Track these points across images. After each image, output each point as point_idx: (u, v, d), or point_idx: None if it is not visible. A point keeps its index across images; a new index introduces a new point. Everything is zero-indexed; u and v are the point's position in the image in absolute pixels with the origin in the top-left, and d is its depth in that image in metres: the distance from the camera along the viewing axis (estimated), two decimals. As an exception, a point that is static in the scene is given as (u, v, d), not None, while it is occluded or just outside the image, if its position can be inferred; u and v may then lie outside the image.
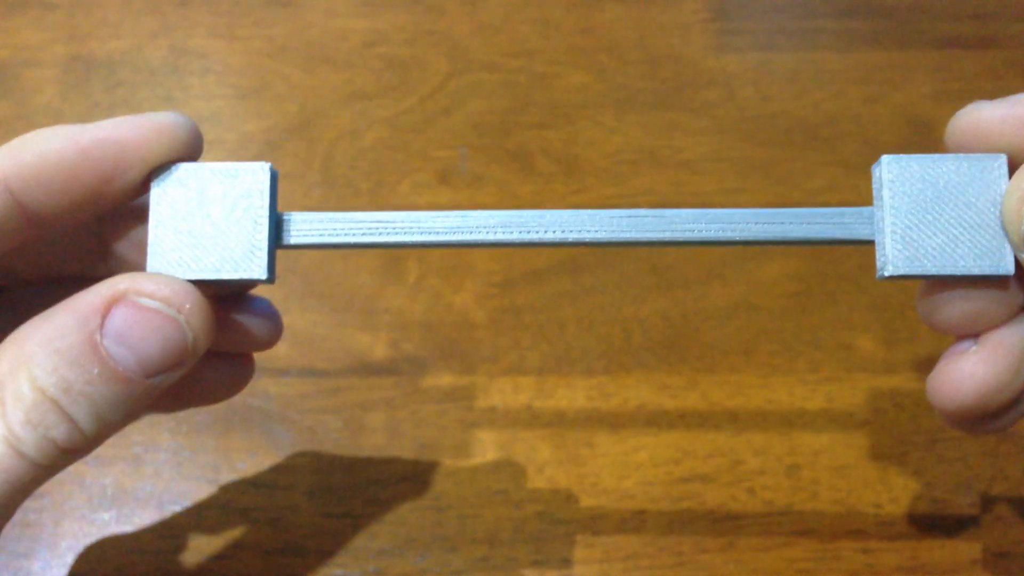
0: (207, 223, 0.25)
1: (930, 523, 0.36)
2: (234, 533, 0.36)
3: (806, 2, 0.47)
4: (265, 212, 0.25)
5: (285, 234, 0.25)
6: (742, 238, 0.25)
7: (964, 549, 0.35)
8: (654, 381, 0.38)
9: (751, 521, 0.36)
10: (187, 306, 0.23)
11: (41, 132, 0.24)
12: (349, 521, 0.36)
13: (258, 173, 0.25)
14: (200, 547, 0.36)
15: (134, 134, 0.24)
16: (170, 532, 0.36)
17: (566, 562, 0.35)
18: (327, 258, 0.41)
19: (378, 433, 0.37)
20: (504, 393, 0.38)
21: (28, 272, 0.28)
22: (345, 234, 0.25)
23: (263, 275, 0.25)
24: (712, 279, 0.40)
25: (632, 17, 0.46)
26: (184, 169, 0.25)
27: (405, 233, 0.25)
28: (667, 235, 0.25)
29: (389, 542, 0.36)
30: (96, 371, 0.22)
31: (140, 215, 0.26)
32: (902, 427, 0.37)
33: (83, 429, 0.23)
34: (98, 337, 0.22)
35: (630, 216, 0.25)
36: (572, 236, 0.25)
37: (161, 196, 0.25)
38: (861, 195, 0.42)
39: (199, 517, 0.36)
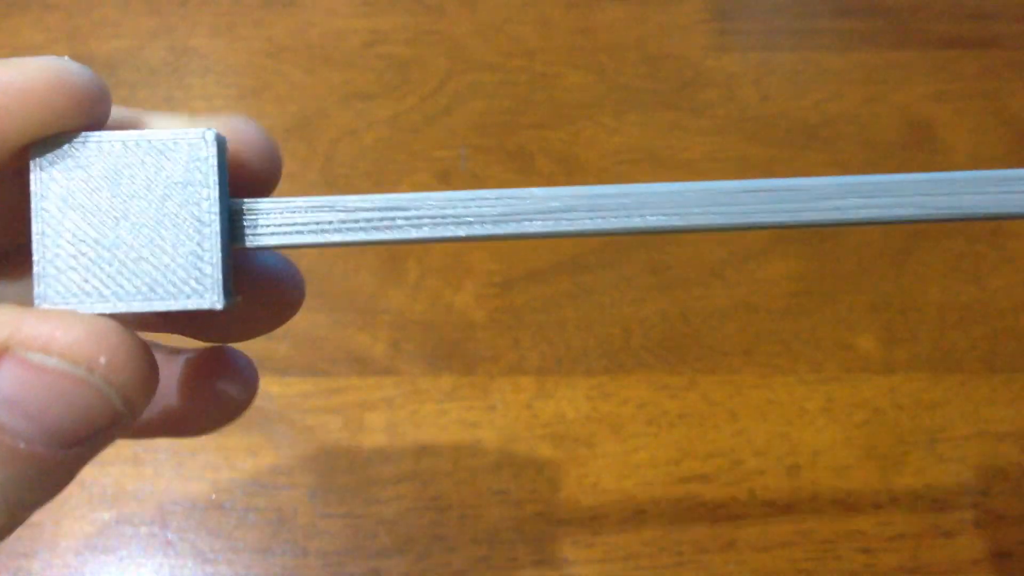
0: (124, 224, 0.17)
1: (930, 523, 0.36)
2: (234, 533, 0.36)
3: (806, 2, 0.47)
4: (213, 203, 0.17)
5: (247, 231, 0.18)
6: (924, 215, 0.19)
7: (964, 549, 0.35)
8: (654, 381, 0.38)
9: (751, 521, 0.36)
10: (102, 360, 0.16)
11: None
12: (349, 521, 0.36)
13: (198, 144, 0.17)
14: (199, 548, 0.36)
15: None
16: (170, 532, 0.36)
17: (566, 562, 0.35)
18: (327, 257, 0.41)
19: (378, 433, 0.37)
20: (504, 393, 0.38)
21: None
22: (341, 227, 0.18)
23: (215, 300, 0.17)
24: (712, 279, 0.40)
25: (632, 17, 0.46)
26: (82, 142, 0.17)
27: (425, 224, 0.18)
28: (814, 215, 0.18)
29: (389, 542, 0.36)
30: None
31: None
32: (902, 427, 0.37)
33: None
34: None
35: (753, 191, 0.18)
36: (677, 221, 0.18)
37: (47, 184, 0.17)
38: (861, 195, 0.42)
39: (199, 518, 0.36)
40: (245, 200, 0.18)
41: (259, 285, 0.20)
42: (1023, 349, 0.39)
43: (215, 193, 0.17)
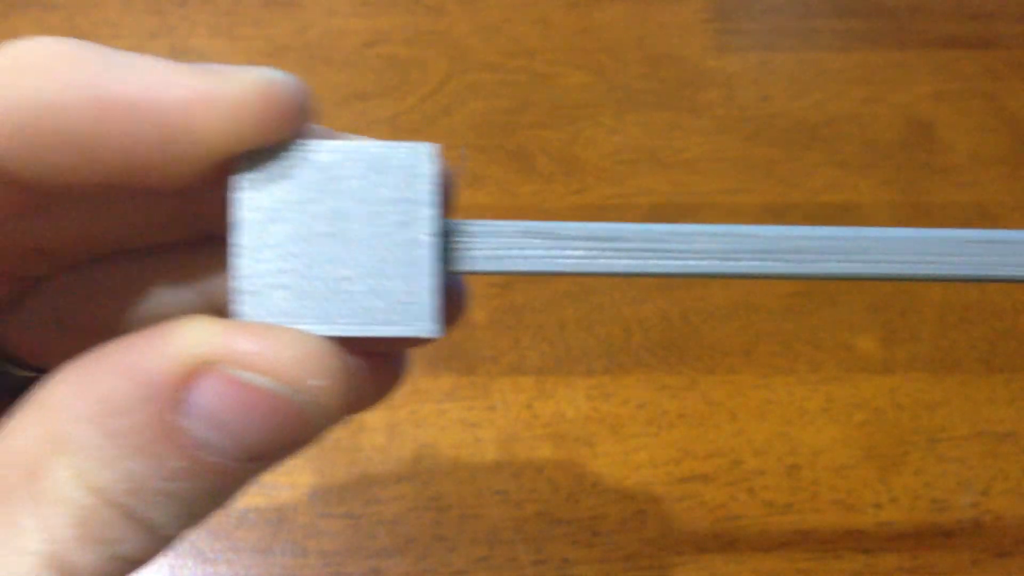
0: (332, 241, 0.16)
1: (930, 523, 0.36)
2: (234, 533, 0.36)
3: (806, 2, 0.47)
4: (430, 223, 0.16)
5: (457, 254, 0.17)
6: None
7: (964, 549, 0.35)
8: (654, 381, 0.38)
9: (751, 521, 0.36)
10: (311, 382, 0.15)
11: (47, 57, 0.15)
12: (349, 521, 0.36)
13: (417, 159, 0.16)
14: (199, 548, 0.35)
15: (198, 105, 0.15)
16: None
17: (566, 562, 0.35)
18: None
19: (378, 433, 0.37)
20: (504, 393, 0.38)
21: (69, 247, 0.19)
22: (552, 255, 0.17)
23: (430, 329, 0.16)
24: (712, 279, 0.40)
25: (632, 17, 0.46)
26: (292, 153, 0.16)
27: (640, 256, 0.17)
28: None
29: (389, 542, 0.36)
30: (177, 464, 0.15)
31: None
32: (902, 427, 0.37)
33: (166, 534, 0.16)
34: (175, 419, 0.15)
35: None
36: (921, 270, 0.17)
37: (252, 196, 0.16)
38: (861, 195, 0.42)
39: (199, 517, 0.36)
40: (459, 221, 0.17)
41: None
42: (1023, 349, 0.39)
43: (433, 212, 0.16)
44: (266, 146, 0.16)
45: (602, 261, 0.17)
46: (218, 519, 0.36)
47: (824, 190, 0.42)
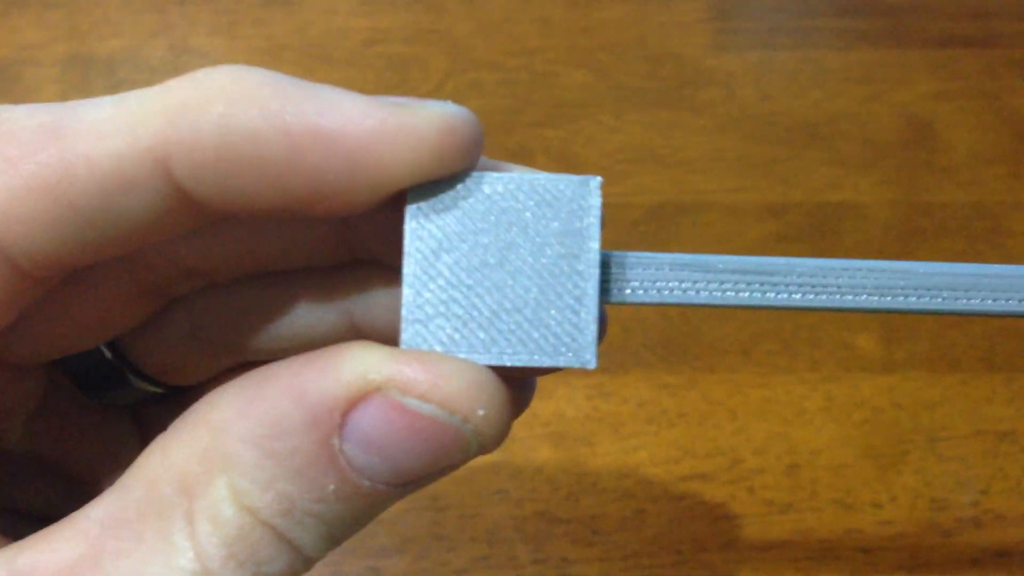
0: (499, 272, 0.16)
1: (930, 522, 0.36)
2: (234, 532, 0.36)
3: (806, 1, 0.46)
4: (595, 256, 0.16)
5: (613, 286, 0.17)
6: None
7: (964, 548, 0.35)
8: (653, 380, 0.38)
9: (751, 520, 0.36)
10: (480, 412, 0.16)
11: (233, 86, 0.16)
12: (349, 520, 0.36)
13: (584, 192, 0.16)
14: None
15: (385, 137, 0.16)
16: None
17: (566, 561, 0.35)
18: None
19: (378, 432, 0.37)
20: (504, 392, 0.38)
21: (221, 268, 0.19)
22: (707, 288, 0.17)
23: (588, 359, 0.17)
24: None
25: (632, 16, 0.46)
26: (463, 183, 0.16)
27: (795, 291, 0.18)
28: None
29: (388, 541, 0.36)
30: (332, 487, 0.15)
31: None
32: (901, 426, 0.37)
33: (309, 556, 0.16)
34: (336, 443, 0.15)
35: None
36: None
37: (423, 224, 0.16)
38: (862, 194, 0.42)
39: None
40: (614, 253, 0.17)
41: None
42: (1022, 348, 0.39)
43: (597, 245, 0.16)
44: (439, 177, 0.16)
45: (751, 295, 0.17)
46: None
47: (824, 189, 0.42)
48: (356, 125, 0.15)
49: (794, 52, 0.45)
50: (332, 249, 0.19)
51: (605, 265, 0.17)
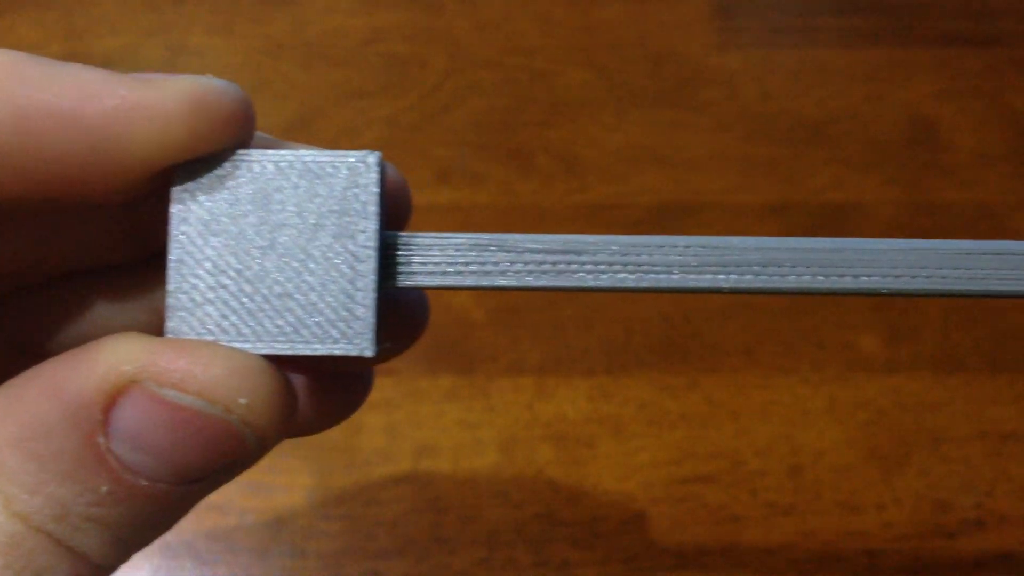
0: (270, 255, 0.16)
1: (933, 524, 0.35)
2: (232, 534, 0.36)
3: (808, 0, 0.46)
4: (371, 237, 0.16)
5: (401, 269, 0.16)
6: None
7: (967, 550, 0.35)
8: (655, 381, 0.38)
9: (753, 522, 0.35)
10: (242, 401, 0.15)
11: None
12: (348, 522, 0.36)
13: (359, 169, 0.16)
14: (197, 550, 0.35)
15: (126, 115, 0.15)
16: (167, 534, 0.36)
17: (567, 564, 0.35)
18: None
19: (377, 434, 0.37)
20: (504, 393, 0.38)
21: (20, 269, 0.19)
22: (507, 270, 0.16)
23: (365, 347, 0.16)
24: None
25: (633, 14, 0.46)
26: (230, 163, 0.16)
27: (604, 271, 0.16)
28: None
29: (388, 544, 0.35)
30: (105, 489, 0.15)
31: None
32: (905, 427, 0.37)
33: (97, 563, 0.15)
34: (101, 440, 0.15)
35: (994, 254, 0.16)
36: (905, 284, 0.16)
37: (189, 207, 0.16)
38: (864, 193, 0.41)
39: (197, 519, 0.36)
40: (401, 234, 0.16)
41: (390, 316, 0.18)
42: (1027, 349, 0.39)
43: (374, 225, 0.16)
44: (205, 157, 0.15)
45: (558, 276, 0.16)
46: (216, 521, 0.36)
47: (826, 189, 0.41)
48: (95, 104, 0.15)
49: (796, 51, 0.45)
50: (134, 245, 0.19)
51: (391, 247, 0.16)
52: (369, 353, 0.16)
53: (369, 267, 0.16)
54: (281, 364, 0.16)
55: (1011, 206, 0.41)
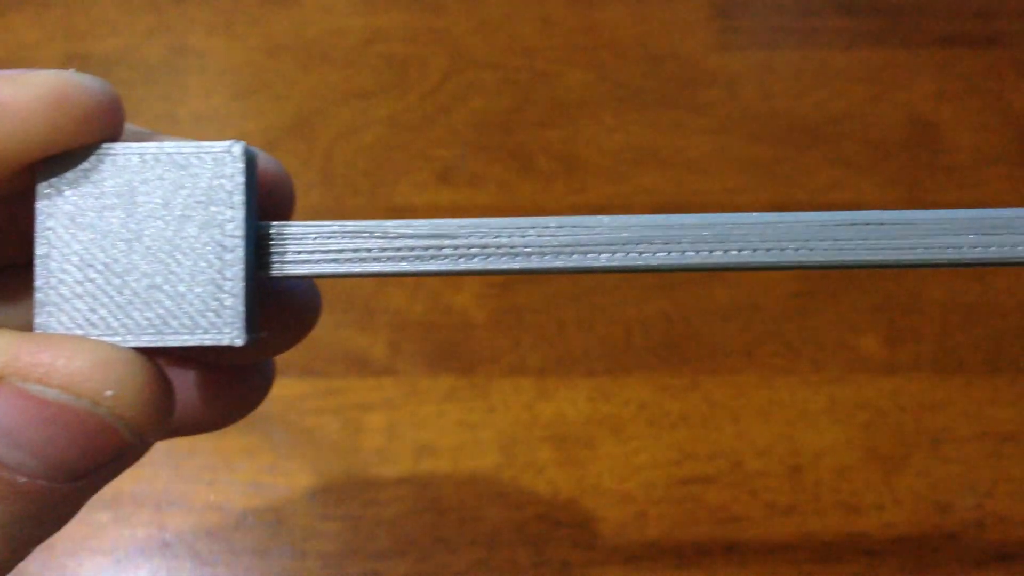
0: (137, 248, 0.16)
1: (933, 525, 0.35)
2: (232, 535, 0.35)
3: (808, 0, 0.46)
4: (238, 226, 0.16)
5: (274, 258, 0.16)
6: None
7: (967, 551, 0.35)
8: (655, 382, 0.38)
9: (753, 523, 0.35)
10: (108, 393, 0.15)
11: None
12: (348, 523, 0.36)
13: (223, 158, 0.16)
14: (197, 550, 0.35)
15: None
16: (167, 534, 0.36)
17: (567, 564, 0.35)
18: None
19: (377, 434, 0.37)
20: (504, 394, 0.38)
21: None
22: (380, 255, 0.16)
23: (235, 336, 0.16)
24: (713, 279, 0.40)
25: (633, 15, 0.46)
26: (94, 156, 0.16)
27: (476, 254, 0.17)
28: (924, 255, 0.16)
29: (388, 544, 0.35)
30: None
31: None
32: (905, 428, 0.37)
33: None
34: None
35: (852, 225, 0.16)
36: (766, 257, 0.16)
37: (54, 202, 0.16)
38: (864, 194, 0.41)
39: (197, 519, 0.36)
40: (273, 223, 0.16)
41: (275, 306, 0.19)
42: (1027, 349, 0.39)
43: (240, 215, 0.16)
44: (70, 152, 0.15)
45: (431, 260, 0.16)
46: (216, 521, 0.36)
47: (827, 189, 0.41)
48: None
49: (796, 52, 0.45)
50: (3, 245, 0.18)
51: (264, 237, 0.16)
52: (239, 342, 0.15)
53: (237, 256, 0.16)
54: (160, 357, 0.16)
55: (1011, 206, 0.41)
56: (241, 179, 0.16)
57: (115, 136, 0.16)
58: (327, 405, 0.38)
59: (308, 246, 0.16)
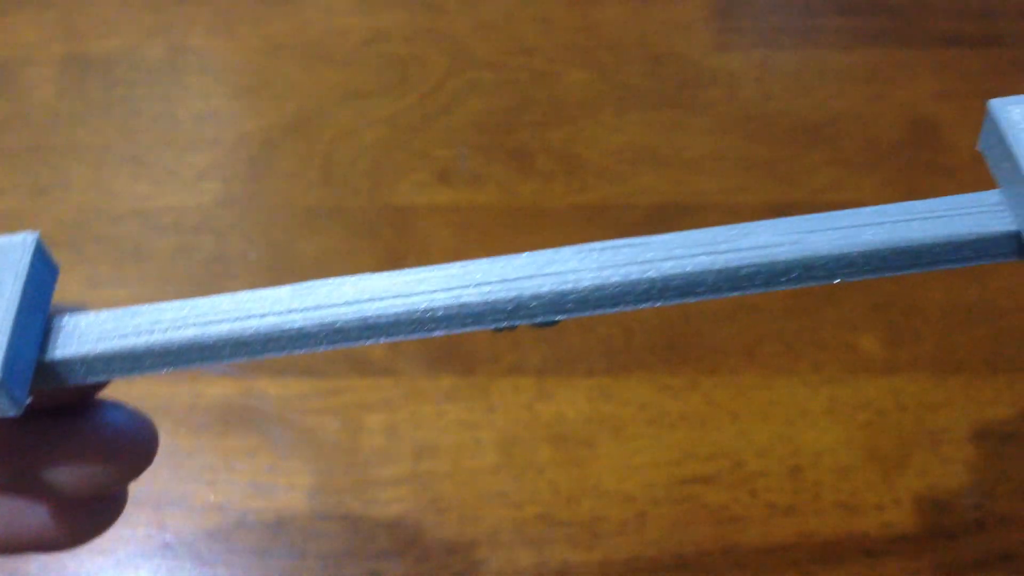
0: None
1: (933, 525, 0.35)
2: (232, 535, 0.35)
3: (808, 0, 0.46)
4: (11, 309, 0.16)
5: (51, 344, 0.17)
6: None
7: (967, 551, 0.35)
8: (655, 382, 0.38)
9: (753, 523, 0.35)
10: None
11: None
12: (348, 523, 0.36)
13: (15, 249, 0.17)
14: (198, 550, 0.35)
15: None
16: (168, 534, 0.36)
17: (567, 564, 0.35)
18: (325, 256, 0.40)
19: (377, 434, 0.37)
20: (504, 393, 0.38)
21: None
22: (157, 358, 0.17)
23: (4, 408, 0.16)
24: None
25: (633, 15, 0.46)
26: None
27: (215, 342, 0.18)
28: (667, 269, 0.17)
29: (388, 544, 0.35)
30: None
31: None
32: (905, 428, 0.37)
33: None
34: None
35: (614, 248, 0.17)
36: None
37: None
38: (864, 194, 0.41)
39: (197, 519, 0.36)
40: (65, 315, 0.17)
41: (93, 434, 0.19)
42: (1027, 350, 0.39)
43: (14, 306, 0.16)
44: None
45: (210, 328, 0.17)
46: (216, 521, 0.36)
47: (826, 189, 0.41)
48: None
49: (796, 51, 0.45)
50: None
51: (51, 327, 0.17)
52: (11, 414, 0.16)
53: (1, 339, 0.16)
54: (11, 489, 0.16)
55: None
56: (26, 269, 0.16)
57: None
58: (327, 405, 0.38)
59: (97, 331, 0.17)
